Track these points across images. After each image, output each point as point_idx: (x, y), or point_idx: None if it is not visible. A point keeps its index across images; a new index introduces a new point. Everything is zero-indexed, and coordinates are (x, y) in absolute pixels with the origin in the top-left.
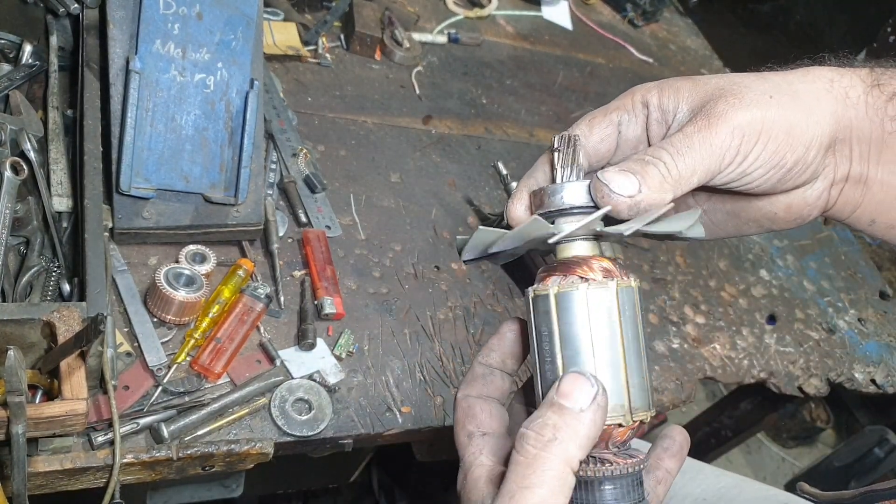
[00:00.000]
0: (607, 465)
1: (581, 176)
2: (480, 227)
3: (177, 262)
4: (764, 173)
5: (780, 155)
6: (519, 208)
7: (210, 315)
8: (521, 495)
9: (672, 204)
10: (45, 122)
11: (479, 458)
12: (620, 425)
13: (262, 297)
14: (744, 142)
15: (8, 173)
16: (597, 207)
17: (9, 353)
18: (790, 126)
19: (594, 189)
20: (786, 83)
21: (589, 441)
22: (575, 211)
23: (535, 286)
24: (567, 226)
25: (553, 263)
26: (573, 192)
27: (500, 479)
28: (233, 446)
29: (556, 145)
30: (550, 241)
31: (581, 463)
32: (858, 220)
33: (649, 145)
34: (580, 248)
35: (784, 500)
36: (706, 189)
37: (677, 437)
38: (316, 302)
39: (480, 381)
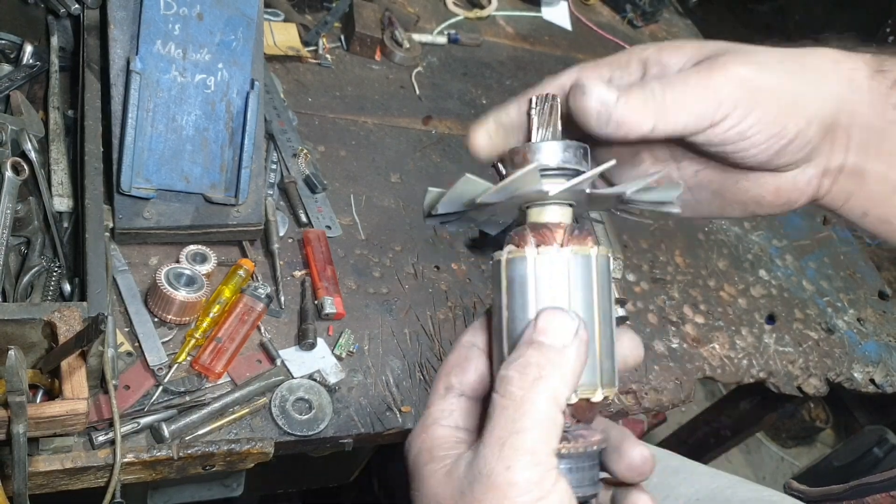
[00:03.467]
0: (565, 442)
1: (559, 137)
2: (467, 174)
3: (177, 262)
4: (763, 140)
5: (783, 123)
6: (482, 136)
7: (211, 315)
8: (513, 441)
9: (657, 176)
10: (45, 123)
11: (449, 418)
12: (589, 400)
13: (263, 296)
14: (746, 97)
15: (9, 173)
16: (577, 172)
17: (10, 352)
18: (796, 95)
19: (571, 95)
20: (795, 54)
21: (575, 377)
22: (553, 172)
23: (508, 248)
24: (553, 186)
25: (524, 228)
26: (551, 152)
27: (470, 442)
28: (233, 446)
29: (534, 104)
30: (550, 193)
31: None
32: (850, 211)
33: None
34: (556, 213)
35: (778, 501)
36: (696, 161)
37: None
38: (316, 302)
39: (489, 336)
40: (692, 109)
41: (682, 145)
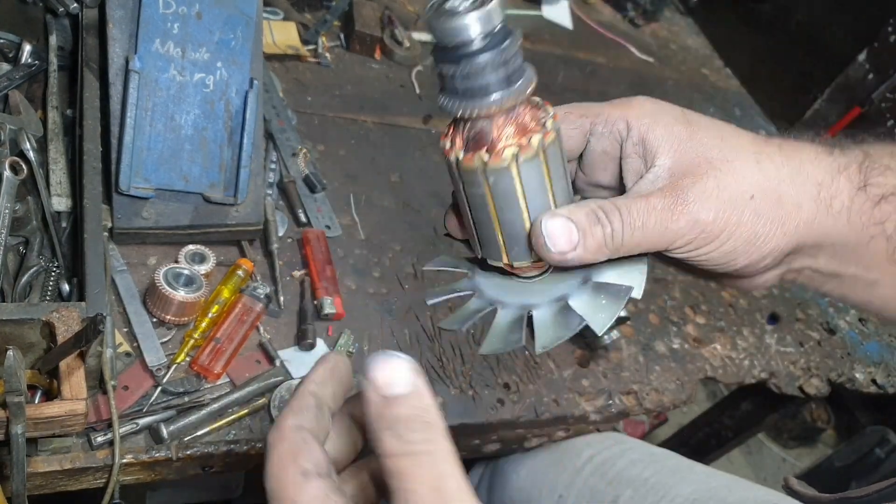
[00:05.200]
0: None
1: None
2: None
3: (176, 262)
4: (711, 265)
5: (733, 256)
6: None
7: (209, 315)
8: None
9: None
10: (44, 122)
11: (329, 500)
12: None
13: (262, 297)
14: (700, 237)
15: (7, 173)
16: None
17: (8, 353)
18: (754, 236)
19: (532, 235)
20: (774, 182)
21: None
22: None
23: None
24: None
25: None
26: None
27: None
28: (232, 447)
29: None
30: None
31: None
32: (828, 293)
33: (620, 158)
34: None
35: (775, 501)
36: None
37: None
38: (315, 302)
39: (315, 414)
40: (646, 245)
41: None
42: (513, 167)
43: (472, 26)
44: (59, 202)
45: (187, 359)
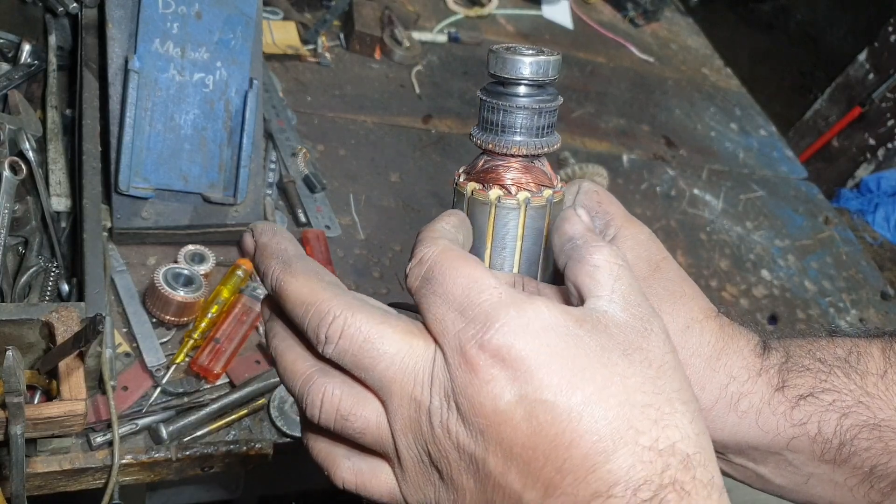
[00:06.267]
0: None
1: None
2: None
3: (176, 262)
4: None
5: None
6: None
7: (209, 315)
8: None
9: None
10: (43, 122)
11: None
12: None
13: (262, 297)
14: None
15: (6, 173)
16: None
17: (7, 353)
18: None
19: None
20: (686, 354)
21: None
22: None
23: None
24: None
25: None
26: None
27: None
28: (232, 447)
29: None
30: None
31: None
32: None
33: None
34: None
35: None
36: None
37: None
38: None
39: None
40: None
41: None
42: (522, 209)
43: (529, 67)
44: (59, 202)
45: (187, 359)
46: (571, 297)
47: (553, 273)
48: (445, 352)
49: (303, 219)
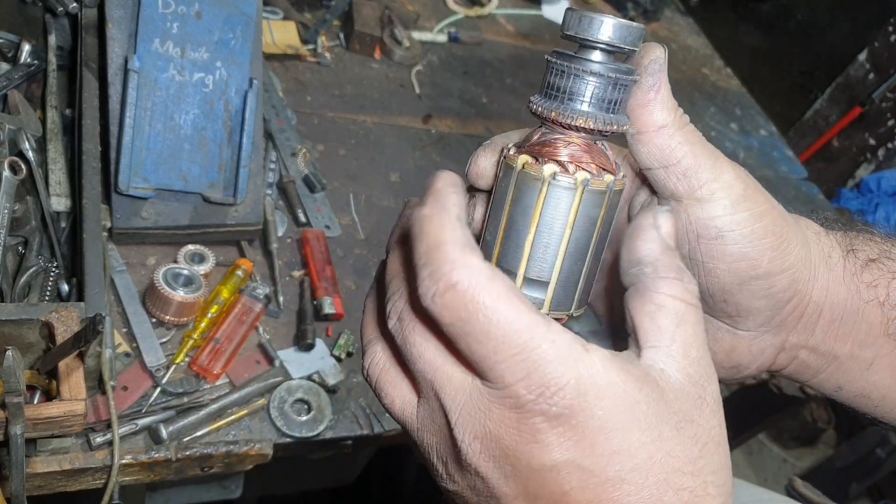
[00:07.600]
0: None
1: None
2: None
3: (175, 262)
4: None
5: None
6: (484, 160)
7: (209, 315)
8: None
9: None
10: (43, 122)
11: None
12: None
13: (261, 297)
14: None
15: (6, 173)
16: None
17: (7, 353)
18: (784, 236)
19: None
20: (789, 231)
21: None
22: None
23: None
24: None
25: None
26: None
27: None
28: (232, 447)
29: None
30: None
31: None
32: (822, 385)
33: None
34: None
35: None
36: None
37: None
38: (315, 302)
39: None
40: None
41: None
42: (579, 190)
43: (611, 30)
44: (59, 202)
45: (186, 359)
46: (629, 332)
47: (607, 276)
48: (491, 397)
49: (303, 219)
